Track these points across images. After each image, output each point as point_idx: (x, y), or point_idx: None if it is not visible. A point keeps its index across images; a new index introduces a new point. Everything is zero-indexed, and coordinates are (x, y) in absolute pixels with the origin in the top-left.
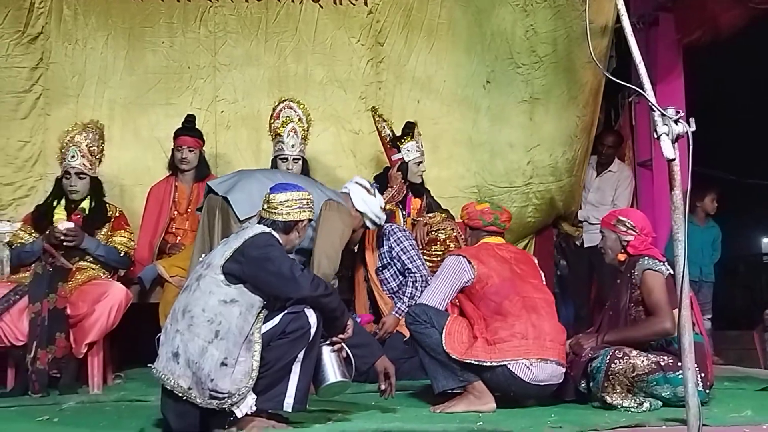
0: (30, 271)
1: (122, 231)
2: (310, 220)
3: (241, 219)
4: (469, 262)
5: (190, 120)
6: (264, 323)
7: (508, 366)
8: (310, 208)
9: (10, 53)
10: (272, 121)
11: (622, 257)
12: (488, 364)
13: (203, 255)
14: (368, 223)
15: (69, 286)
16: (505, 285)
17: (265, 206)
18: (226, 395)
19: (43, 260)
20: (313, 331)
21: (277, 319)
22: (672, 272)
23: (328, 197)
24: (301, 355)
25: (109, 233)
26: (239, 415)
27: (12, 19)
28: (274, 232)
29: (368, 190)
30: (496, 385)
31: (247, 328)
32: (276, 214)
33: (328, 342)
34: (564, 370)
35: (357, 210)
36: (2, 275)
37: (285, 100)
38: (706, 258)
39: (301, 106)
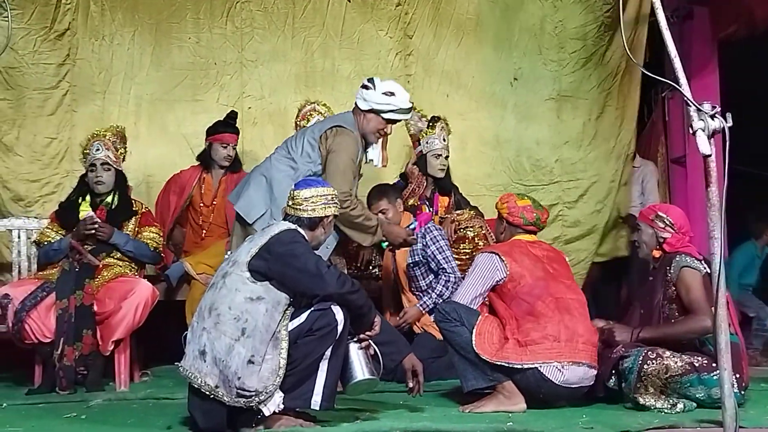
0: (57, 267)
1: (151, 227)
2: (335, 216)
3: (251, 222)
4: (502, 260)
5: (233, 117)
6: (291, 320)
7: (540, 368)
8: (335, 203)
9: (37, 50)
10: (298, 120)
11: (657, 254)
12: (519, 366)
13: (228, 252)
14: (390, 116)
15: (96, 283)
16: (537, 285)
17: (290, 203)
18: (253, 393)
19: (71, 257)
20: (340, 328)
21: (303, 317)
22: (709, 271)
23: (322, 132)
24: (328, 353)
25: (137, 228)
26: (267, 413)
27: (39, 15)
28: (299, 229)
29: (366, 87)
30: (525, 387)
31: (273, 326)
32: (301, 211)
33: (355, 339)
34: (596, 372)
35: (364, 111)
36: (30, 272)
37: (311, 103)
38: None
39: (326, 108)
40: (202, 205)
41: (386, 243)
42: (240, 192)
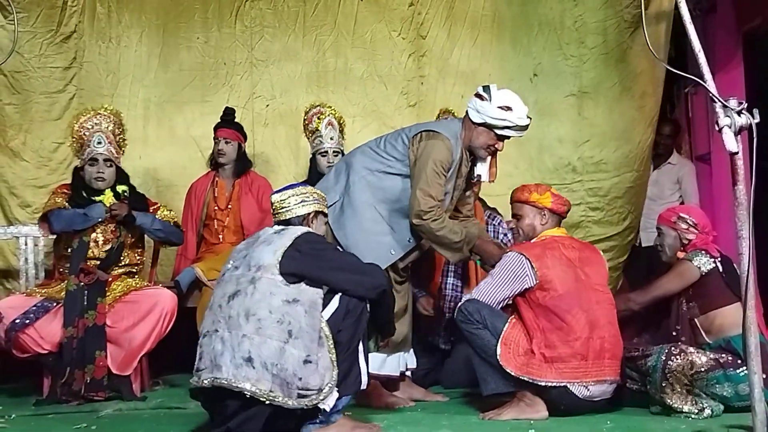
0: (61, 283)
1: (160, 208)
2: (319, 212)
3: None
4: (532, 267)
5: (228, 112)
6: (324, 309)
7: (565, 387)
8: (315, 200)
9: (44, 53)
10: (306, 123)
11: (681, 255)
12: (544, 384)
13: (231, 262)
14: (504, 133)
15: (108, 299)
16: (567, 296)
17: (272, 211)
18: (315, 391)
19: (79, 279)
20: (366, 303)
21: (336, 301)
22: (721, 268)
23: (417, 133)
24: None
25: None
26: (327, 408)
27: (45, 18)
28: (310, 230)
29: (481, 96)
30: (547, 399)
31: (317, 325)
32: (281, 214)
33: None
34: (617, 384)
35: (476, 124)
36: (37, 280)
37: (317, 106)
38: None
39: (331, 109)
40: (216, 208)
41: (480, 260)
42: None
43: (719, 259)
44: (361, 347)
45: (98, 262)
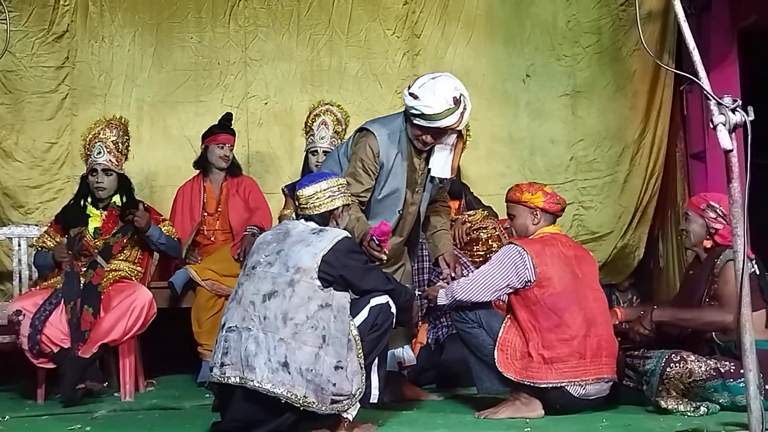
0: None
1: (163, 222)
2: (346, 205)
3: None
4: (533, 262)
5: (228, 118)
6: (354, 317)
7: (564, 386)
8: (342, 193)
9: (36, 52)
10: (306, 120)
11: (707, 244)
12: (543, 386)
13: (262, 256)
14: (417, 122)
15: (103, 285)
16: (565, 294)
17: (297, 203)
18: (347, 397)
19: (78, 260)
20: (393, 319)
21: (365, 312)
22: (758, 272)
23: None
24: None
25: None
26: (351, 418)
27: (37, 17)
28: (348, 236)
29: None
30: (543, 398)
31: (346, 329)
32: (308, 209)
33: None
34: (614, 381)
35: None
36: (31, 281)
37: (326, 104)
38: None
39: (340, 109)
40: (206, 214)
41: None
42: None
43: (755, 260)
44: (376, 363)
45: (97, 251)
